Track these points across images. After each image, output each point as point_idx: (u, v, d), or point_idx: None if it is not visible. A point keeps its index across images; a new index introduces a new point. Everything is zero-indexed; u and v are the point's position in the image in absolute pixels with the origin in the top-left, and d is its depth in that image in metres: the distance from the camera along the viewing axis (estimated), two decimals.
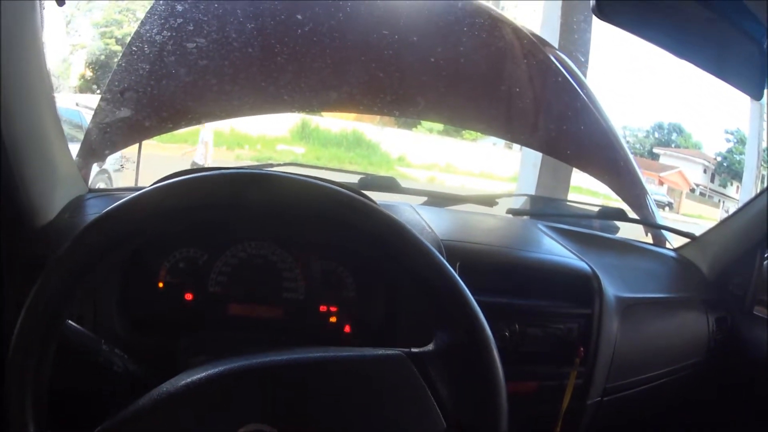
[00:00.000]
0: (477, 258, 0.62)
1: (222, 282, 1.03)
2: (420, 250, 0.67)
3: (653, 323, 1.34)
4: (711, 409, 1.59)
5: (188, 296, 1.02)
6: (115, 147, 1.33)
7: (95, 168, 1.33)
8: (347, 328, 1.06)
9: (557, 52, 1.81)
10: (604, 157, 1.76)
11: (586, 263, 1.19)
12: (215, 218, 0.66)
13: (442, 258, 0.67)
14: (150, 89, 1.28)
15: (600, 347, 1.15)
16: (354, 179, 1.42)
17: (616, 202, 1.83)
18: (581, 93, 1.74)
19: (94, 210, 1.08)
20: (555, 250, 1.27)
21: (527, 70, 1.69)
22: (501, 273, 1.06)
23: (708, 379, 1.50)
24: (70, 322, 0.71)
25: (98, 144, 1.30)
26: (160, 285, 1.02)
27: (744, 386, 1.52)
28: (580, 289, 1.14)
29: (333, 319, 1.06)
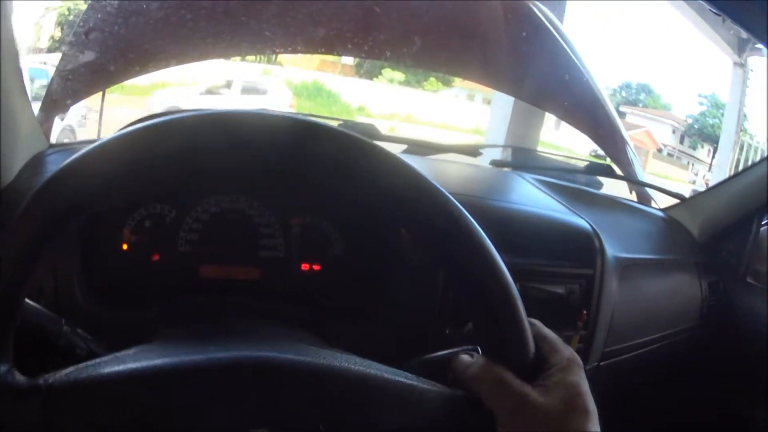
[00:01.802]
0: (472, 212, 0.54)
1: (193, 241, 0.93)
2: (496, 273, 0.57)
3: (650, 285, 1.30)
4: (701, 377, 1.57)
5: (155, 258, 0.93)
6: (77, 95, 1.21)
7: (60, 124, 1.21)
8: (331, 288, 0.97)
9: (539, 4, 1.75)
10: (588, 108, 1.70)
11: (586, 220, 1.12)
12: (217, 165, 0.54)
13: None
14: (117, 28, 1.16)
15: (600, 310, 1.09)
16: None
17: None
18: (566, 46, 1.67)
19: (54, 167, 0.97)
20: (551, 205, 1.20)
21: (516, 23, 1.62)
22: (498, 229, 0.96)
23: (700, 346, 1.47)
24: (27, 301, 0.61)
25: (60, 93, 1.18)
26: (124, 247, 0.92)
27: (736, 356, 1.51)
28: (581, 248, 1.08)
29: (316, 279, 0.97)
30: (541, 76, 1.60)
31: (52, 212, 0.49)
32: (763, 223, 1.53)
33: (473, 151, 1.51)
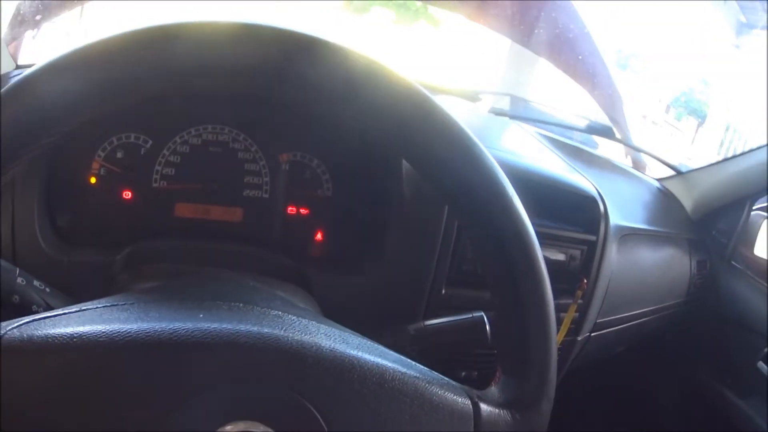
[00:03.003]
0: None
1: (169, 176, 0.84)
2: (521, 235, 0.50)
3: (645, 257, 1.26)
4: (677, 352, 1.58)
5: (126, 194, 0.84)
6: (48, 10, 1.11)
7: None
8: (319, 235, 0.90)
9: None
10: (589, 64, 1.70)
11: (591, 183, 1.06)
12: (210, 90, 0.44)
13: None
14: None
15: (599, 279, 1.04)
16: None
17: None
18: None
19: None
20: (555, 162, 1.14)
21: None
22: None
23: (682, 322, 1.47)
24: None
25: (29, 8, 1.07)
26: (92, 181, 0.82)
27: (713, 336, 1.52)
28: (586, 212, 1.01)
29: (303, 223, 0.90)
30: (545, 24, 1.55)
31: (5, 134, 0.40)
32: (754, 207, 1.53)
33: (473, 96, 1.44)
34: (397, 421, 0.45)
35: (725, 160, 1.60)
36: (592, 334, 1.12)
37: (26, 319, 0.43)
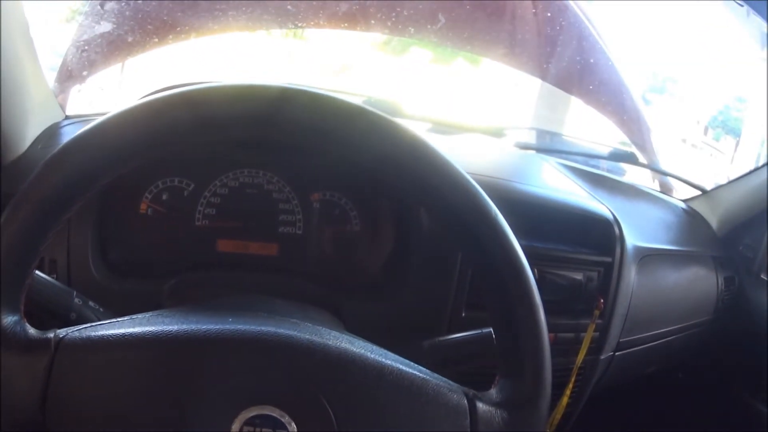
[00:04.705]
0: (494, 193, 0.54)
1: (210, 215, 0.92)
2: (511, 258, 0.56)
3: (667, 276, 1.27)
4: (712, 371, 1.57)
5: (172, 231, 0.92)
6: (94, 67, 1.21)
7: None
8: (348, 266, 0.97)
9: None
10: (614, 93, 1.71)
11: (607, 207, 1.10)
12: (221, 140, 0.53)
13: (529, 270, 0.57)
14: None
15: (618, 299, 1.07)
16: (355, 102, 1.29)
17: None
18: (592, 28, 1.67)
19: (69, 138, 0.97)
20: (573, 190, 1.18)
21: (542, 3, 1.60)
22: (519, 212, 0.94)
23: (713, 339, 1.46)
24: (38, 273, 0.62)
25: (76, 64, 1.18)
26: (141, 220, 0.91)
27: (747, 352, 1.49)
28: (601, 235, 1.06)
29: (333, 256, 0.97)
30: (567, 59, 1.58)
31: (63, 183, 0.50)
32: None
33: (498, 132, 1.49)
34: (394, 411, 0.52)
35: (746, 174, 1.60)
36: (617, 353, 1.14)
37: (85, 325, 0.52)
